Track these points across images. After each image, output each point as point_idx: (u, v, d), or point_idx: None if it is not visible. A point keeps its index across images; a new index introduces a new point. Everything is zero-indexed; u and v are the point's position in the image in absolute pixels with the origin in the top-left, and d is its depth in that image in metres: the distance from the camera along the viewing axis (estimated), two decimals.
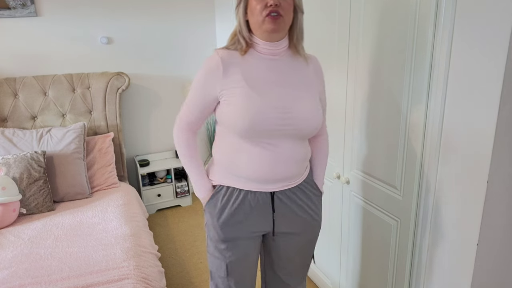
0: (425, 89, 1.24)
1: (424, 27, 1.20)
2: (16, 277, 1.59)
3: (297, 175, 1.27)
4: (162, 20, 3.01)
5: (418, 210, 1.36)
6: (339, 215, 1.84)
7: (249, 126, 1.15)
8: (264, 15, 1.13)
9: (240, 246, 1.30)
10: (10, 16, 2.55)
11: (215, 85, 1.20)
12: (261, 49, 1.21)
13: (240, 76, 1.19)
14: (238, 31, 1.22)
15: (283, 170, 1.22)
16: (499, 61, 1.00)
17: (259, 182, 1.23)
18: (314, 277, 2.19)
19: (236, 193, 1.25)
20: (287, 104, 1.18)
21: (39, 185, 2.20)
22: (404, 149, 1.37)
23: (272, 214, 1.28)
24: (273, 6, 1.11)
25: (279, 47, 1.21)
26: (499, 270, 1.25)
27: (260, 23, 1.14)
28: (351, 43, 1.56)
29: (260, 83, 1.19)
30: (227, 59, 1.20)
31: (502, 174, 1.11)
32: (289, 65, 1.23)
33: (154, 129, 3.22)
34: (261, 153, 1.20)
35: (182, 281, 2.29)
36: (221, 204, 1.27)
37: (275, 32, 1.15)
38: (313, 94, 1.23)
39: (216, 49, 1.26)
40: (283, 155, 1.21)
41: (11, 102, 2.55)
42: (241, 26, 1.20)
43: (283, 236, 1.35)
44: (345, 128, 1.68)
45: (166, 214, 3.14)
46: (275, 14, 1.12)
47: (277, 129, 1.17)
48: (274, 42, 1.20)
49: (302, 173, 1.30)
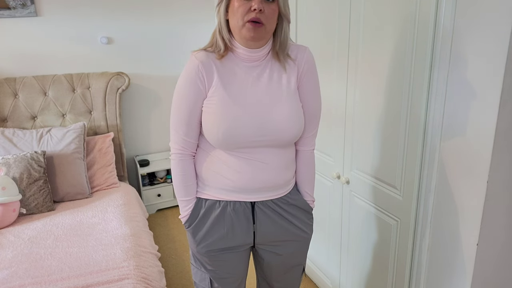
0: (425, 89, 1.24)
1: (424, 27, 1.20)
2: (16, 277, 1.59)
3: (280, 185, 1.21)
4: (162, 20, 3.01)
5: (418, 210, 1.36)
6: (339, 215, 1.84)
7: (224, 136, 1.11)
8: (245, 21, 1.05)
9: (222, 259, 1.25)
10: (10, 16, 2.55)
11: (200, 91, 1.14)
12: (239, 54, 1.14)
13: (219, 82, 1.13)
14: (218, 30, 1.13)
15: (263, 179, 1.17)
16: (499, 61, 1.00)
17: (238, 191, 1.18)
18: (314, 277, 2.19)
19: (216, 205, 1.21)
20: (264, 115, 1.12)
21: (39, 185, 2.20)
22: (404, 149, 1.37)
23: (253, 226, 1.23)
24: (257, 11, 1.03)
25: (258, 53, 1.14)
26: (499, 270, 1.25)
27: (240, 27, 1.06)
28: (351, 44, 1.55)
29: (237, 91, 1.13)
30: (206, 63, 1.13)
31: (502, 174, 1.11)
32: (269, 72, 1.15)
33: (154, 129, 3.22)
34: (240, 162, 1.15)
35: (182, 281, 2.29)
36: (201, 216, 1.22)
37: (254, 41, 1.09)
38: (292, 102, 1.15)
39: (192, 51, 1.17)
40: (262, 163, 1.16)
41: (11, 102, 2.55)
42: (221, 26, 1.12)
43: (269, 248, 1.29)
44: (345, 128, 1.68)
45: (166, 214, 3.13)
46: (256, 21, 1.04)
47: (254, 140, 1.13)
48: (253, 49, 1.12)
49: (287, 183, 1.24)
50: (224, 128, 1.10)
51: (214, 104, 1.13)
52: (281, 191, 1.23)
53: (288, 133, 1.15)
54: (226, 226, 1.21)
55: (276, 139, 1.14)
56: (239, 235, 1.22)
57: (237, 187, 1.18)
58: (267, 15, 1.06)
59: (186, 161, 1.22)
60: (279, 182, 1.20)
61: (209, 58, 1.14)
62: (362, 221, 1.67)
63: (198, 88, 1.14)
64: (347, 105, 1.65)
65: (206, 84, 1.14)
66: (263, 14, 1.05)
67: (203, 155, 1.21)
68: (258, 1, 1.04)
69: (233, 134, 1.11)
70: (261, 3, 1.04)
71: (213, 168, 1.19)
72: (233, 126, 1.10)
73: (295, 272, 1.37)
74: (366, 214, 1.64)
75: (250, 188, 1.18)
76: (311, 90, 1.21)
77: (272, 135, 1.13)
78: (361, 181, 1.64)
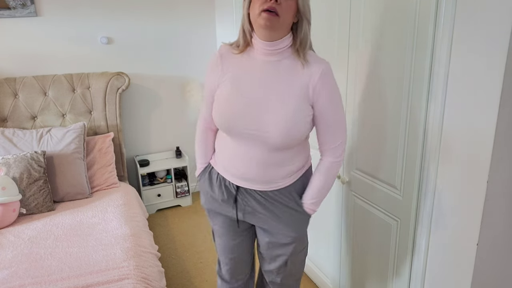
0: (425, 89, 1.24)
1: (424, 27, 1.20)
2: (16, 277, 1.59)
3: (263, 181, 1.27)
4: (162, 20, 3.01)
5: (418, 210, 1.36)
6: (339, 215, 1.84)
7: (219, 122, 1.25)
8: (261, 10, 1.10)
9: (216, 219, 1.45)
10: (10, 16, 2.55)
11: (215, 80, 1.29)
12: (258, 48, 1.20)
13: (231, 74, 1.24)
14: (242, 23, 1.22)
15: (245, 170, 1.27)
16: (499, 61, 1.00)
17: (228, 172, 1.32)
18: (314, 277, 2.19)
19: (217, 175, 1.38)
20: (258, 113, 1.18)
21: (39, 185, 2.20)
22: (404, 149, 1.37)
23: (235, 204, 1.35)
24: (273, 2, 1.09)
25: (275, 47, 1.18)
26: (499, 270, 1.25)
27: (256, 16, 1.12)
28: (351, 44, 1.56)
29: (243, 85, 1.21)
30: (226, 56, 1.26)
31: (502, 174, 1.11)
32: (282, 72, 1.20)
33: (154, 129, 3.22)
34: (234, 147, 1.27)
35: (182, 281, 2.29)
36: (206, 178, 1.42)
37: (267, 29, 1.13)
38: (290, 108, 1.17)
39: (222, 43, 1.32)
40: (248, 155, 1.25)
41: (11, 102, 2.55)
42: (244, 18, 1.20)
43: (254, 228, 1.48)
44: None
45: (166, 214, 3.14)
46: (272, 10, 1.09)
47: (243, 132, 1.21)
48: (269, 42, 1.17)
49: (273, 181, 1.28)
50: (220, 115, 1.24)
51: (219, 93, 1.26)
52: (265, 186, 1.29)
53: (275, 136, 1.18)
54: (218, 194, 1.37)
55: (262, 138, 1.20)
56: (224, 206, 1.38)
57: (227, 167, 1.32)
58: (284, 7, 1.11)
59: (206, 133, 1.44)
60: (261, 178, 1.27)
61: (229, 52, 1.27)
62: (362, 221, 1.67)
63: (214, 77, 1.29)
64: (347, 105, 1.65)
65: (220, 74, 1.27)
66: (280, 6, 1.10)
67: (218, 134, 1.41)
68: None
69: (226, 122, 1.23)
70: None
71: (220, 144, 1.37)
72: (227, 116, 1.22)
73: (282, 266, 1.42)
74: (366, 214, 1.64)
75: (236, 173, 1.30)
76: (327, 102, 1.21)
77: (259, 133, 1.20)
78: (361, 181, 1.64)
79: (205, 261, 2.48)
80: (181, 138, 3.35)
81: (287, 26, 1.16)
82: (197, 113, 3.33)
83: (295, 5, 1.13)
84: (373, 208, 1.59)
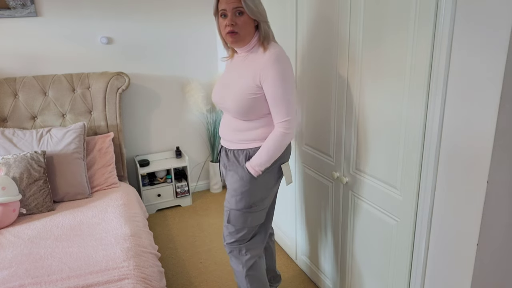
0: (425, 89, 1.24)
1: (423, 27, 1.20)
2: (16, 277, 1.59)
3: (229, 140, 1.65)
4: (162, 20, 3.01)
5: (418, 210, 1.36)
6: (339, 215, 1.84)
7: (213, 99, 1.69)
8: (225, 33, 1.50)
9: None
10: (10, 16, 2.55)
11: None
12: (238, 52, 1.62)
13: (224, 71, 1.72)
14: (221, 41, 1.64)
15: (223, 132, 1.68)
16: (499, 61, 1.00)
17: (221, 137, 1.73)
18: (314, 277, 2.19)
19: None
20: (225, 93, 1.59)
21: (39, 185, 2.20)
22: (404, 149, 1.37)
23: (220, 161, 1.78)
24: (230, 26, 1.46)
25: (245, 50, 1.57)
26: (499, 270, 1.25)
27: (224, 37, 1.54)
28: (351, 44, 1.56)
29: (225, 75, 1.66)
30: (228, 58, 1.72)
31: (502, 174, 1.11)
32: (244, 66, 1.55)
33: (154, 129, 3.22)
34: (222, 117, 1.71)
35: (182, 281, 2.29)
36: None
37: (234, 44, 1.52)
38: (239, 88, 1.52)
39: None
40: (225, 122, 1.67)
41: (11, 102, 2.55)
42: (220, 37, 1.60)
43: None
44: (345, 128, 1.68)
45: (166, 214, 3.14)
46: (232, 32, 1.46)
47: (220, 106, 1.64)
48: (241, 48, 1.56)
49: (234, 143, 1.63)
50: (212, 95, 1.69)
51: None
52: (231, 145, 1.66)
53: (230, 107, 1.56)
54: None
55: (227, 109, 1.60)
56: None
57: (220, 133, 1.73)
58: (240, 25, 1.47)
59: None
60: (228, 137, 1.66)
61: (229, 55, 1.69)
62: (362, 221, 1.67)
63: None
64: (347, 105, 1.65)
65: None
66: (236, 26, 1.46)
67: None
68: (229, 19, 1.46)
69: (213, 99, 1.69)
70: (231, 20, 1.45)
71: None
72: (213, 94, 1.68)
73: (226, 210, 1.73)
74: (366, 214, 1.64)
75: (222, 136, 1.71)
76: (271, 83, 1.47)
77: (224, 105, 1.60)
78: (361, 181, 1.64)
79: (205, 261, 2.48)
80: (181, 138, 3.35)
81: (250, 33, 1.50)
82: (197, 113, 3.34)
83: (248, 18, 1.46)
84: (373, 208, 1.59)
